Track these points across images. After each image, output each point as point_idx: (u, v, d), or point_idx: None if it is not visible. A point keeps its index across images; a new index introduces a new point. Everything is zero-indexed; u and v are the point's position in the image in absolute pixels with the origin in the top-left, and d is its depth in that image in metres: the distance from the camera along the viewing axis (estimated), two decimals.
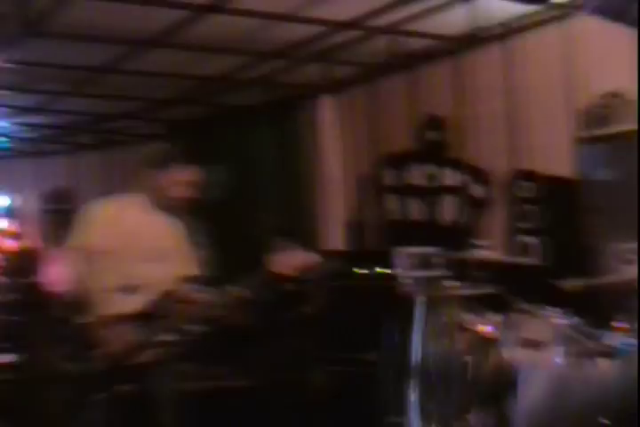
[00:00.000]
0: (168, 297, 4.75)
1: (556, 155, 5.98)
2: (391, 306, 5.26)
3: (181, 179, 4.76)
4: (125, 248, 4.70)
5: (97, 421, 4.73)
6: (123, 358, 4.62)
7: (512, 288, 4.67)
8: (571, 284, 3.85)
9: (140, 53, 6.98)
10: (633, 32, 4.45)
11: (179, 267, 4.83)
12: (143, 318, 4.74)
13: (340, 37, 6.78)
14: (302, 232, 7.50)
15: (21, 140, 10.86)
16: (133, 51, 6.93)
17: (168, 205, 4.82)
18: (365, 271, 5.98)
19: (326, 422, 6.03)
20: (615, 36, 5.11)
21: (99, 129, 10.32)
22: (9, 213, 10.79)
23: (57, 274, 4.86)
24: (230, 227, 9.45)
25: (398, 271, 5.83)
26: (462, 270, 5.04)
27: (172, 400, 4.86)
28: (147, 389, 4.87)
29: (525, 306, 4.09)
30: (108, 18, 6.14)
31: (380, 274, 5.93)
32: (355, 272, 5.97)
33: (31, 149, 11.15)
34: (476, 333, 4.13)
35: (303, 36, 6.74)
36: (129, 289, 4.73)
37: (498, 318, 4.24)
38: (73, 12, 5.85)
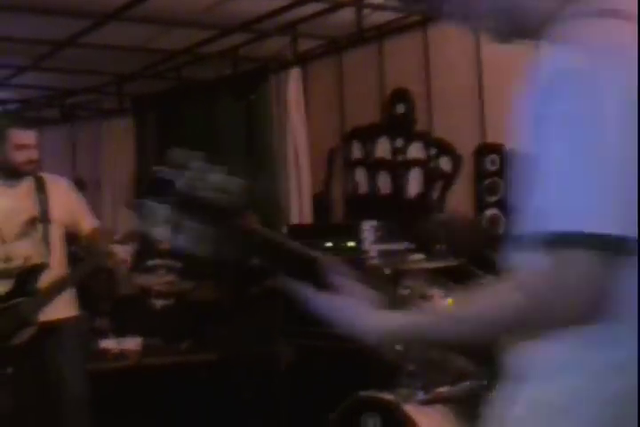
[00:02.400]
0: (34, 272, 4.71)
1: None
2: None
3: (21, 142, 4.66)
4: None
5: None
6: None
7: (475, 260, 4.67)
8: None
9: (103, 27, 6.89)
10: None
11: (54, 232, 4.80)
12: (12, 297, 4.71)
13: (306, 10, 6.72)
14: (269, 206, 7.45)
15: None
16: (96, 24, 6.84)
17: (17, 174, 4.78)
18: (330, 244, 5.95)
19: (294, 397, 6.03)
20: None
21: (61, 104, 10.21)
22: None
23: None
24: None
25: (364, 245, 5.82)
26: (426, 243, 5.04)
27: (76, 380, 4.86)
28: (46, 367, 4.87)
29: (490, 278, 4.08)
30: None
31: (346, 247, 5.91)
32: (321, 246, 5.94)
33: None
34: (440, 305, 4.12)
35: (268, 9, 6.67)
36: (2, 273, 4.70)
37: (461, 290, 4.23)
38: None
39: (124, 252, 4.79)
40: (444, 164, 6.63)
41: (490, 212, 6.18)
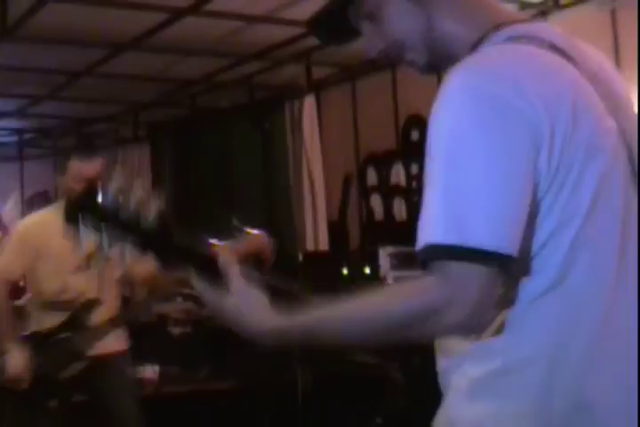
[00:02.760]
0: (88, 307, 4.71)
1: None
2: None
3: (80, 174, 4.51)
4: (47, 266, 4.63)
5: None
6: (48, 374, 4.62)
7: None
8: None
9: (119, 56, 6.96)
10: None
11: (109, 269, 4.74)
12: (64, 331, 4.70)
13: None
14: (285, 233, 7.47)
15: (1, 144, 10.81)
16: (112, 54, 6.90)
17: None
18: (346, 271, 5.96)
19: (312, 424, 6.02)
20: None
21: (78, 133, 10.27)
22: None
23: None
24: (213, 228, 9.43)
25: (380, 271, 5.83)
26: None
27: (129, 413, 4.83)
28: (97, 402, 4.85)
29: None
30: (86, 21, 6.12)
31: (362, 274, 5.91)
32: (340, 273, 5.95)
33: (12, 153, 11.09)
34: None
35: (282, 38, 6.72)
36: (56, 305, 4.70)
37: None
38: (51, 16, 5.83)
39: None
40: None
41: None
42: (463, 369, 1.62)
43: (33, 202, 10.97)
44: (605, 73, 1.72)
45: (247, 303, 1.73)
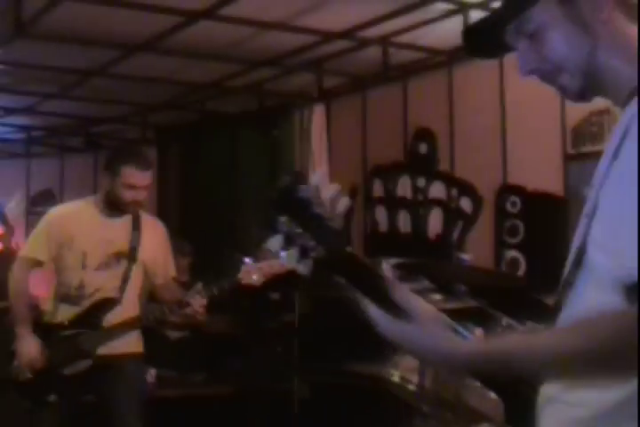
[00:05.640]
0: (105, 306, 4.70)
1: (544, 171, 5.98)
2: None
3: (131, 182, 4.64)
4: (69, 258, 4.68)
5: None
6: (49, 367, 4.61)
7: (495, 302, 4.64)
8: (554, 300, 3.82)
9: (130, 58, 6.96)
10: None
11: (136, 271, 4.79)
12: (75, 326, 4.70)
13: (332, 47, 6.76)
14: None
15: (8, 141, 10.81)
16: (124, 55, 6.90)
17: (119, 209, 4.78)
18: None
19: None
20: None
21: (86, 132, 10.28)
22: None
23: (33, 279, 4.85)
24: (219, 234, 9.43)
25: None
26: (446, 283, 5.02)
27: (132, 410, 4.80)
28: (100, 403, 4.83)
29: (508, 321, 4.06)
30: (99, 21, 6.13)
31: None
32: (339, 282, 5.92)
33: (18, 150, 11.10)
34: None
35: (295, 45, 6.72)
36: (71, 298, 4.71)
37: (479, 332, 4.21)
38: (64, 15, 5.83)
39: (197, 304, 4.76)
40: (465, 204, 6.63)
41: (510, 254, 6.17)
42: (579, 398, 1.60)
43: (37, 200, 10.97)
44: None
45: (436, 329, 1.70)
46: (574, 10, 1.71)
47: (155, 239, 4.89)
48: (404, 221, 7.15)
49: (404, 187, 7.19)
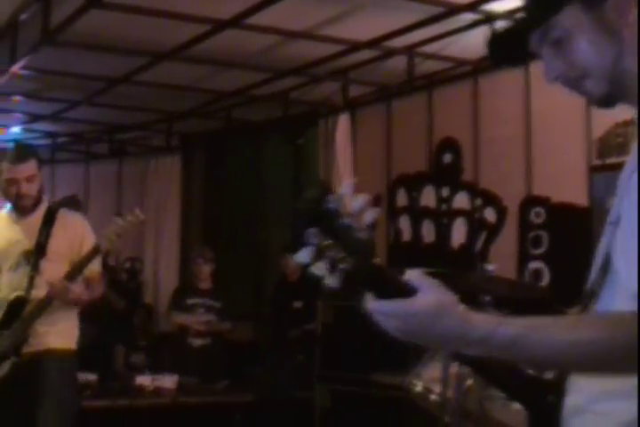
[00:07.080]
0: (13, 305, 4.68)
1: (570, 182, 5.96)
2: None
3: (10, 177, 4.68)
4: None
5: None
6: None
7: (519, 313, 4.63)
8: (578, 309, 3.81)
9: (157, 65, 6.99)
10: None
11: (48, 265, 4.72)
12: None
13: (358, 57, 6.77)
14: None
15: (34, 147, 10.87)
16: (150, 62, 6.93)
17: (17, 206, 4.77)
18: None
19: None
20: None
21: (111, 139, 10.32)
22: None
23: None
24: (241, 242, 9.45)
25: None
26: (469, 294, 5.01)
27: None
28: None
29: None
30: (126, 29, 6.16)
31: None
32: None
33: (44, 156, 11.16)
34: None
35: (321, 54, 6.73)
36: None
37: None
38: (91, 23, 5.86)
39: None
40: (489, 215, 6.61)
41: (533, 265, 6.15)
42: (604, 408, 1.60)
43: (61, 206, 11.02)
44: None
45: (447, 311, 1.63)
46: (600, 15, 1.70)
47: (69, 232, 4.83)
48: (427, 231, 7.14)
49: (427, 197, 7.18)
